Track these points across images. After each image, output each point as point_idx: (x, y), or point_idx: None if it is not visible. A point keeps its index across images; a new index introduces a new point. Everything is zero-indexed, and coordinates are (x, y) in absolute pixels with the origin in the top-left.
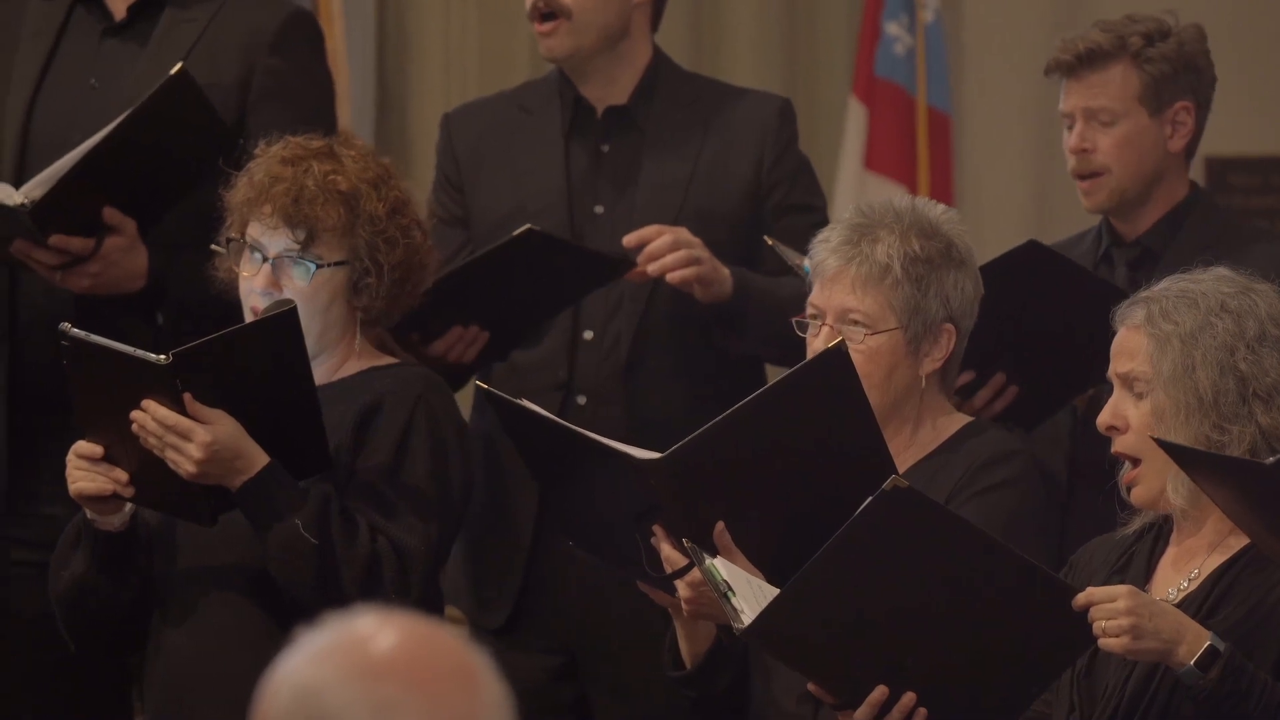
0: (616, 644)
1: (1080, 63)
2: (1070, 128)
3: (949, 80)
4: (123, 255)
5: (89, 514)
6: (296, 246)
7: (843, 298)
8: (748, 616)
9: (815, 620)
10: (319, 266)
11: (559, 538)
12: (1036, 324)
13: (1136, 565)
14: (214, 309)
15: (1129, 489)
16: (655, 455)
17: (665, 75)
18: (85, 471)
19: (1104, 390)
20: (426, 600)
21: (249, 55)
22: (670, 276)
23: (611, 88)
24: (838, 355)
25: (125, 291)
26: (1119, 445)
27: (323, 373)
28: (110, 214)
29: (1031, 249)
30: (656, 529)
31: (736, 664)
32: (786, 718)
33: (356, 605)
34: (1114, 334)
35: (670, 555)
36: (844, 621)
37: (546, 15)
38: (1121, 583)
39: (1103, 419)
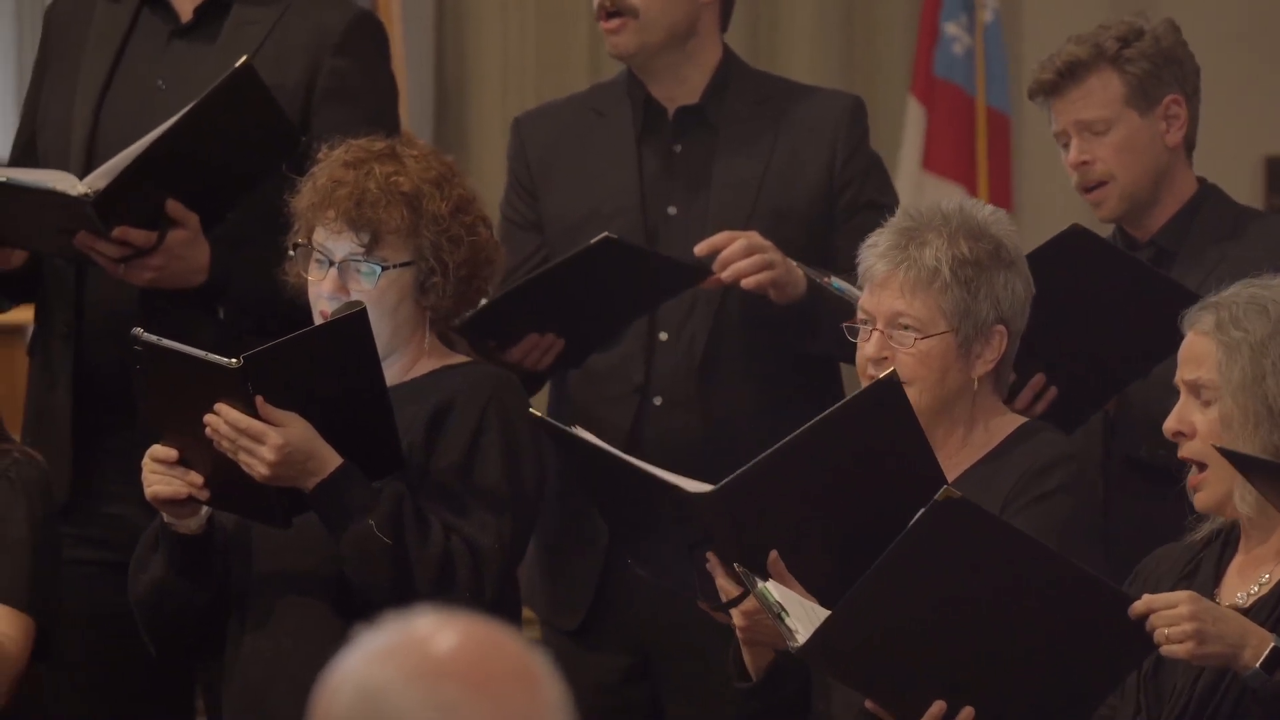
0: (689, 645)
1: (1061, 79)
2: (1066, 146)
3: (1008, 80)
4: (185, 249)
5: (166, 518)
6: (361, 250)
7: (892, 302)
8: (802, 636)
9: (870, 636)
10: (384, 269)
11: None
12: (1079, 312)
13: (1204, 572)
14: (276, 305)
15: (1194, 492)
16: (707, 488)
17: (736, 74)
18: (161, 475)
19: (1131, 394)
20: (502, 599)
21: (314, 56)
22: (745, 282)
23: (682, 87)
24: (889, 386)
25: (187, 286)
26: (1185, 450)
27: (394, 373)
28: (174, 207)
29: (1075, 235)
30: (710, 558)
31: (800, 676)
32: None
33: (431, 605)
34: (1163, 327)
35: (724, 585)
36: (899, 637)
37: (613, 13)
38: (1189, 589)
39: (1169, 425)
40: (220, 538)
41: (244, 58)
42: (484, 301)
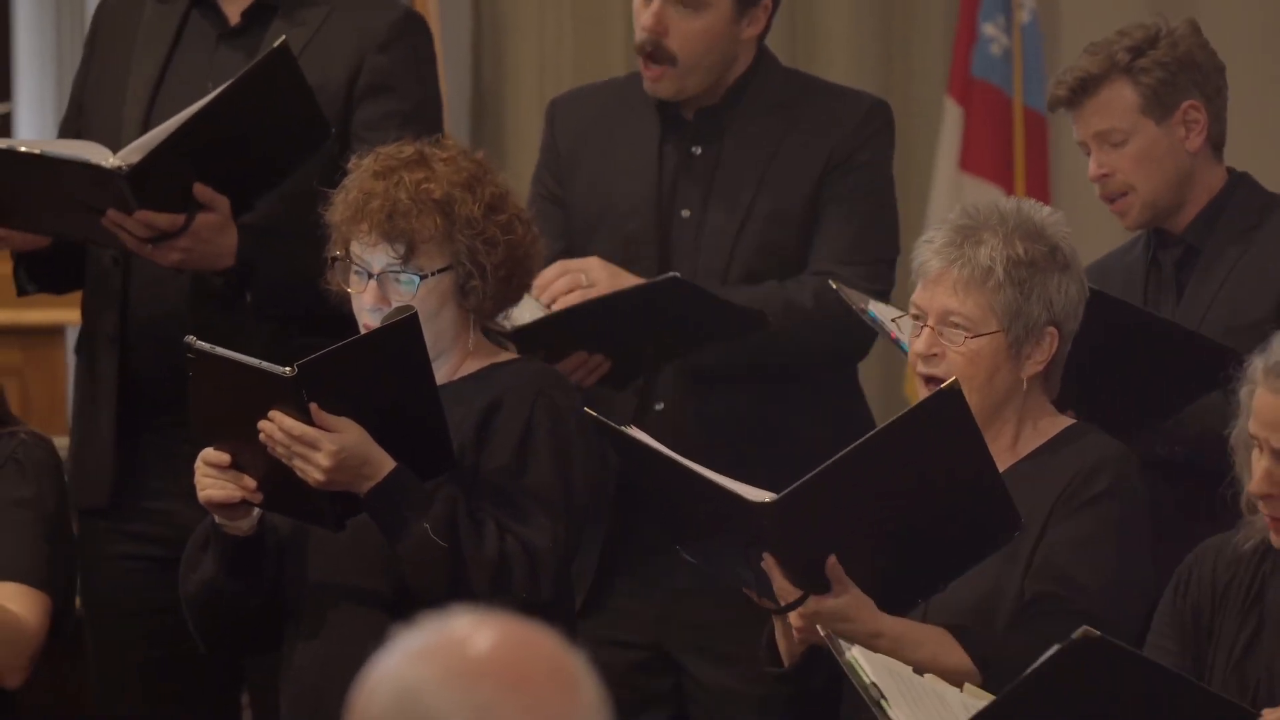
0: (708, 636)
1: (1076, 94)
2: (1089, 155)
3: (1045, 81)
4: (213, 233)
5: (217, 519)
6: (398, 261)
7: (945, 299)
8: None
9: None
10: (422, 278)
11: (658, 539)
12: (1107, 367)
13: (1273, 597)
14: (302, 292)
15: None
16: (768, 497)
17: (759, 76)
18: (214, 479)
19: None
20: (558, 599)
21: (358, 55)
22: (560, 301)
23: (708, 96)
24: (951, 395)
25: (213, 269)
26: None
27: (442, 373)
28: (201, 191)
29: (1095, 298)
30: (767, 559)
31: (830, 668)
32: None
33: (488, 607)
34: (1193, 376)
35: (783, 587)
36: None
37: (651, 58)
38: (1258, 612)
39: (1259, 488)
40: (271, 539)
41: (281, 38)
42: (536, 307)
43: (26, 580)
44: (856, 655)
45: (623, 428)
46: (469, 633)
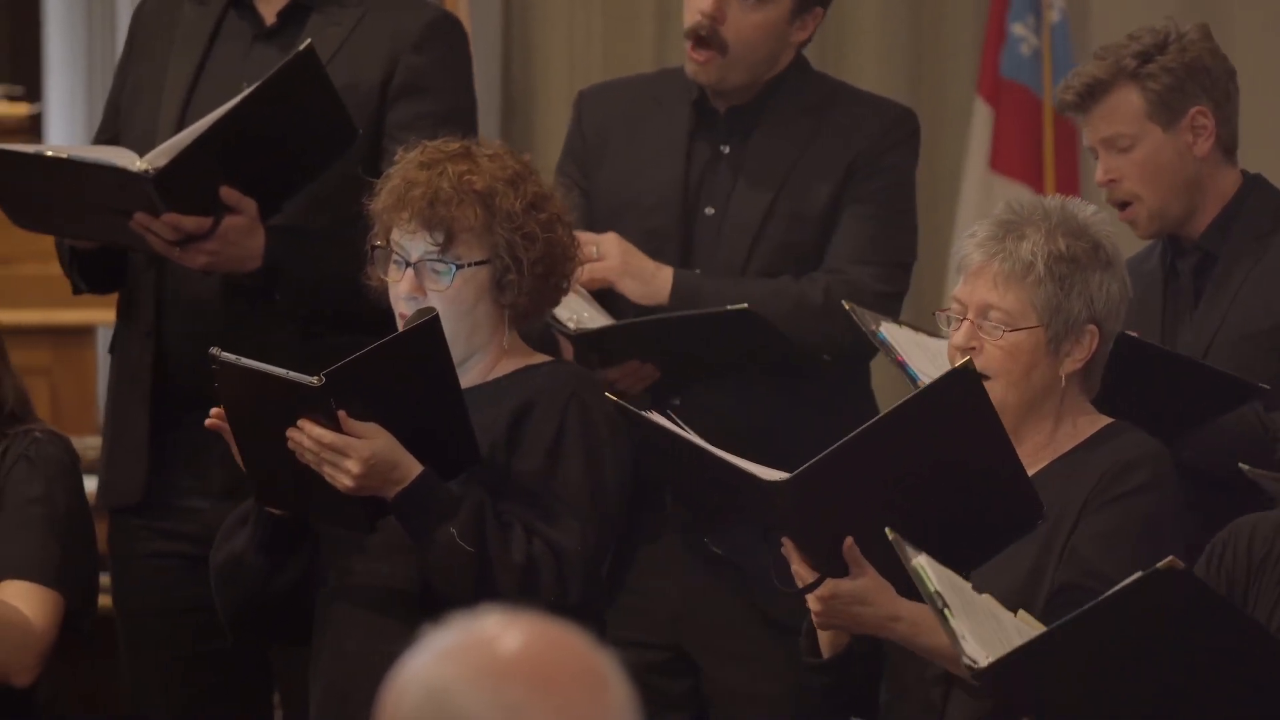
0: (724, 636)
1: (1083, 99)
2: (1098, 160)
3: None
4: (241, 236)
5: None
6: (436, 248)
7: (984, 293)
8: (973, 650)
9: (1061, 680)
10: (459, 267)
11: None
12: (1132, 397)
13: None
14: (332, 293)
15: None
16: (782, 476)
17: (791, 79)
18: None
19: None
20: (588, 601)
21: (392, 56)
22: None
23: (743, 94)
24: (964, 375)
25: (241, 270)
26: None
27: (476, 374)
28: (228, 194)
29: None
30: (785, 543)
31: (871, 663)
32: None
33: (516, 609)
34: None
35: (799, 571)
36: (1095, 690)
37: (702, 42)
38: None
39: None
40: (309, 525)
41: (307, 41)
42: (580, 304)
43: (34, 578)
44: (922, 563)
45: (644, 412)
46: (499, 632)
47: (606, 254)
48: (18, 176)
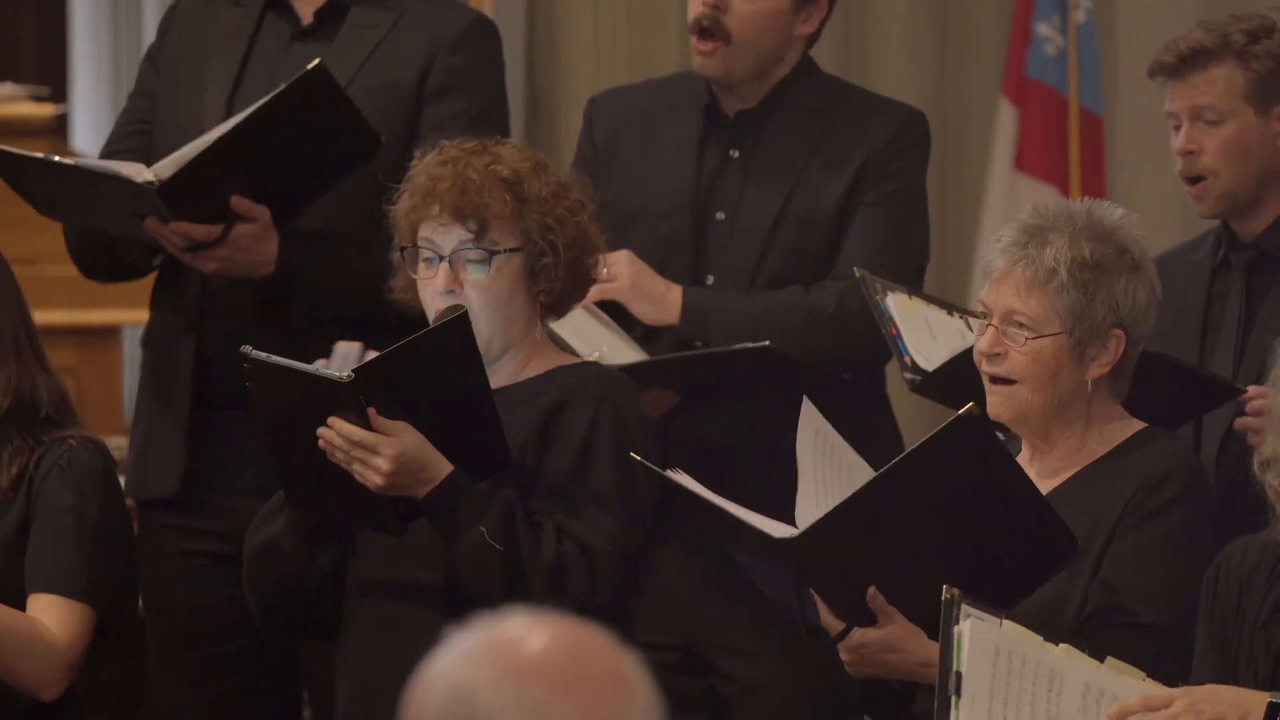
0: (736, 634)
1: (1183, 64)
2: (1176, 129)
3: (1101, 81)
4: (252, 242)
5: None
6: (470, 237)
7: (1008, 299)
8: None
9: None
10: (495, 253)
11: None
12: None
13: None
14: (348, 298)
15: None
16: (793, 532)
17: (800, 81)
18: None
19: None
20: (616, 601)
21: (429, 56)
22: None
23: (750, 98)
24: (969, 422)
25: (254, 276)
26: None
27: (508, 372)
28: (239, 203)
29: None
30: (812, 593)
31: (904, 703)
32: None
33: (546, 609)
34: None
35: (828, 621)
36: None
37: (706, 33)
38: None
39: None
40: None
41: (316, 60)
42: (586, 318)
43: (62, 591)
44: (964, 630)
45: (661, 470)
46: (523, 633)
47: (617, 274)
48: (33, 177)
